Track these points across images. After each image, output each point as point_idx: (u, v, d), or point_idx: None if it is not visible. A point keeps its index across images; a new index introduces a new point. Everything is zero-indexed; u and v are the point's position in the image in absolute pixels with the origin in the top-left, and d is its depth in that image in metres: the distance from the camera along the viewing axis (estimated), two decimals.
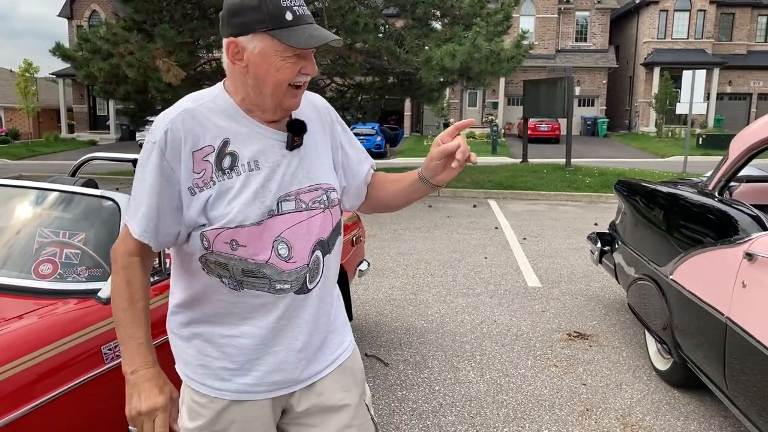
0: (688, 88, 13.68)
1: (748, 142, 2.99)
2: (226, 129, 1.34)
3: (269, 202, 1.33)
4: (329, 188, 1.44)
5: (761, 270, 2.45)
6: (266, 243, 1.33)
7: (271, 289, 1.36)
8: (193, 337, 1.43)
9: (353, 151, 1.58)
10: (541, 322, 4.67)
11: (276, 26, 1.26)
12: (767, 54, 32.76)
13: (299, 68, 1.30)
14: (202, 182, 1.31)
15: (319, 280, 1.43)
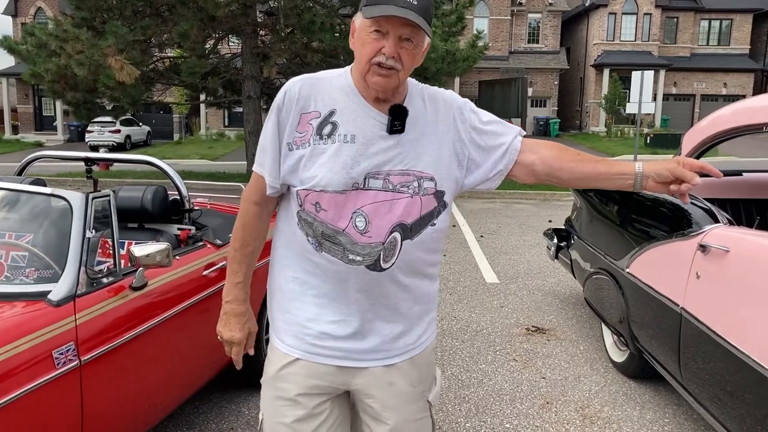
0: (637, 89, 14.05)
1: (698, 138, 3.08)
2: (337, 101, 1.45)
3: (356, 174, 1.40)
4: (424, 176, 1.46)
5: (714, 261, 2.51)
6: (347, 212, 1.41)
7: (344, 258, 1.43)
8: (280, 293, 1.55)
9: (485, 138, 1.54)
10: (500, 317, 4.72)
11: (369, 3, 1.36)
12: (709, 56, 33.92)
13: (380, 47, 1.36)
14: (300, 141, 1.44)
15: (395, 261, 1.46)
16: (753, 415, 2.21)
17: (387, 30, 1.36)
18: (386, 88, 1.40)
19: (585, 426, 3.08)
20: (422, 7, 1.36)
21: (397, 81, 1.40)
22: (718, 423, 2.48)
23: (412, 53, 1.40)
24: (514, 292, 5.42)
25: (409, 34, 1.37)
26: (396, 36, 1.36)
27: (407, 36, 1.37)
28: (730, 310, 2.36)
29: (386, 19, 1.34)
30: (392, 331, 1.52)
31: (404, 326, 1.54)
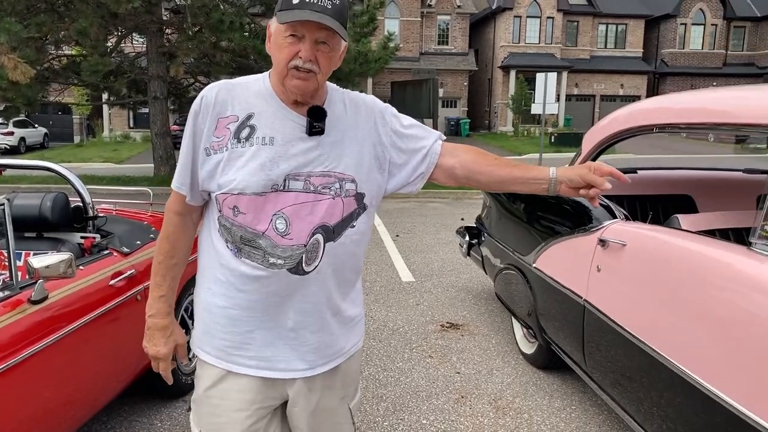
0: (541, 90, 14.64)
1: (597, 138, 3.25)
2: (255, 105, 1.44)
3: (275, 176, 1.40)
4: (345, 178, 1.47)
5: (612, 255, 2.66)
6: (266, 215, 1.40)
7: (265, 262, 1.41)
8: (202, 304, 1.53)
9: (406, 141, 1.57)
10: (416, 315, 4.80)
11: (282, 8, 1.37)
12: (607, 59, 35.82)
13: (297, 51, 1.37)
14: (217, 146, 1.43)
15: (318, 265, 1.45)
16: (649, 398, 2.36)
17: (303, 34, 1.36)
18: (305, 91, 1.40)
19: (498, 417, 3.19)
20: (337, 11, 1.37)
21: (316, 84, 1.41)
22: (619, 407, 2.63)
23: (328, 56, 1.41)
24: (429, 289, 5.52)
25: (325, 37, 1.38)
26: (312, 40, 1.37)
27: (323, 39, 1.38)
28: (628, 300, 2.52)
29: (301, 24, 1.35)
30: (318, 338, 1.51)
31: (330, 333, 1.53)
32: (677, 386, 2.15)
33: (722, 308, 1.98)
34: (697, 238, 2.29)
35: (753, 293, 1.89)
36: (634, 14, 35.93)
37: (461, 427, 3.10)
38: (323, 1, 1.35)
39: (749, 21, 36.43)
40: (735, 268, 1.99)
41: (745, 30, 36.78)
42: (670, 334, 2.21)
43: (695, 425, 2.08)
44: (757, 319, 1.82)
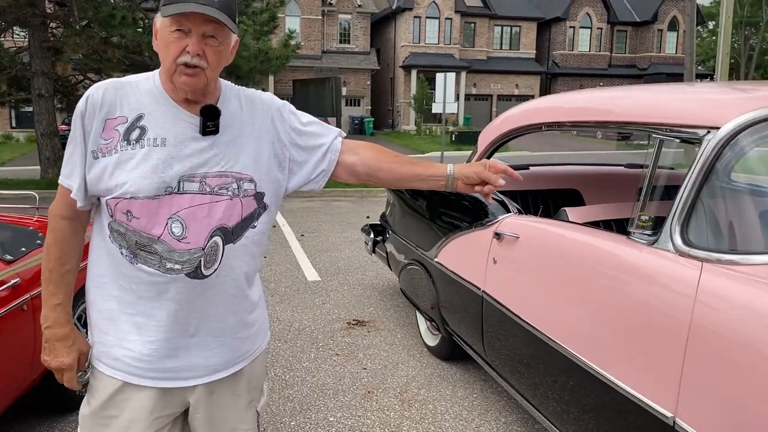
0: (441, 90, 14.99)
1: (492, 137, 3.38)
2: (145, 105, 1.39)
3: (168, 178, 1.35)
4: (243, 178, 1.43)
5: (507, 247, 2.79)
6: (161, 218, 1.35)
7: (162, 267, 1.37)
8: (98, 313, 1.46)
9: (305, 139, 1.57)
10: (322, 314, 4.80)
11: (166, 1, 1.32)
12: (503, 60, 37.23)
13: (184, 46, 1.32)
14: (105, 149, 1.36)
15: (217, 268, 1.41)
16: (544, 383, 2.49)
17: (189, 28, 1.32)
18: (194, 88, 1.36)
19: (404, 410, 3.26)
20: (224, 3, 1.33)
21: (205, 80, 1.36)
22: (518, 393, 2.76)
23: (217, 50, 1.36)
24: (335, 288, 5.54)
25: (213, 31, 1.34)
26: (199, 34, 1.33)
27: (211, 33, 1.34)
28: (522, 290, 2.64)
29: (186, 17, 1.31)
30: (220, 343, 1.48)
31: (232, 337, 1.50)
32: (569, 370, 2.28)
33: (606, 294, 2.12)
34: (582, 229, 2.44)
35: (632, 279, 2.04)
36: (527, 17, 37.54)
37: (368, 421, 3.14)
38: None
39: (630, 25, 38.98)
40: (616, 255, 2.14)
41: (627, 34, 39.32)
42: (560, 320, 2.35)
43: (587, 406, 2.22)
44: (636, 303, 1.96)
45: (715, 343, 1.64)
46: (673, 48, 38.26)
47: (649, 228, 2.08)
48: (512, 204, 3.02)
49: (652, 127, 2.20)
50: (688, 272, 1.80)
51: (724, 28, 15.45)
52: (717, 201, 1.97)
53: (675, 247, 1.91)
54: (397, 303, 5.04)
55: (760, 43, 40.09)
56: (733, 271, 1.71)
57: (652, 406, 1.83)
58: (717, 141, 1.90)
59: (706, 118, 1.99)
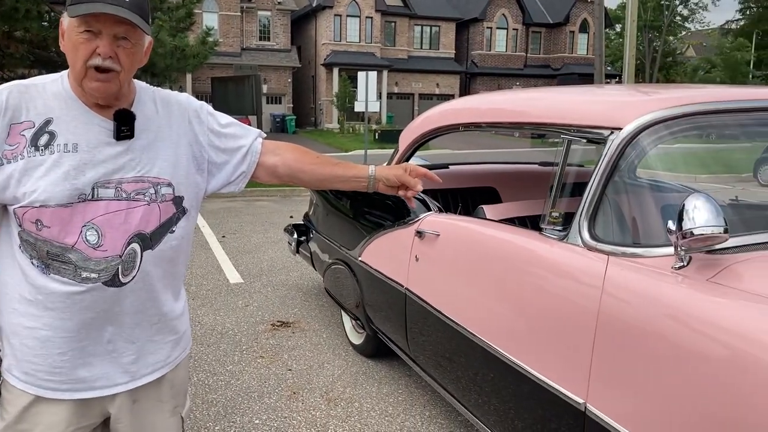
0: (363, 88, 15.05)
1: (412, 137, 3.44)
2: (53, 109, 1.33)
3: (81, 185, 1.30)
4: (160, 182, 1.40)
5: (428, 245, 2.85)
6: (75, 227, 1.31)
7: (77, 277, 1.32)
8: (7, 326, 1.39)
9: (225, 141, 1.55)
10: (245, 316, 4.74)
11: (73, 1, 1.27)
12: (424, 59, 37.77)
13: (94, 48, 1.27)
14: (11, 155, 1.30)
15: (136, 275, 1.38)
16: (465, 375, 2.57)
17: (99, 29, 1.27)
18: (106, 93, 1.31)
19: (330, 409, 3.27)
20: (135, 4, 1.29)
21: (118, 84, 1.32)
22: (441, 386, 2.83)
23: (131, 53, 1.32)
24: (259, 289, 5.48)
25: (125, 32, 1.29)
26: (110, 35, 1.28)
27: (123, 35, 1.29)
28: (444, 286, 2.71)
29: (96, 18, 1.26)
30: (139, 349, 1.45)
31: (152, 342, 1.47)
32: (488, 362, 2.36)
33: (521, 288, 2.21)
34: (499, 226, 2.54)
35: (544, 273, 2.14)
36: (446, 17, 38.24)
37: (294, 422, 3.13)
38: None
39: (544, 27, 40.43)
40: (529, 251, 2.24)
41: (541, 35, 40.75)
42: (479, 314, 2.43)
43: (505, 396, 2.31)
44: (548, 296, 2.06)
45: (622, 332, 1.75)
46: (584, 49, 39.96)
47: (560, 224, 2.19)
48: (433, 202, 3.08)
49: (562, 128, 2.31)
50: (595, 265, 1.91)
51: (629, 31, 16.29)
52: (621, 197, 2.09)
53: (583, 242, 2.01)
54: (321, 303, 5.05)
55: (662, 45, 42.48)
56: (637, 263, 1.82)
57: (565, 394, 1.93)
58: (620, 141, 2.02)
59: (609, 120, 2.11)
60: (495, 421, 2.40)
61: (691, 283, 1.65)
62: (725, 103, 2.16)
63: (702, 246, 1.64)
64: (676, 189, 2.68)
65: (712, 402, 1.48)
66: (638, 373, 1.69)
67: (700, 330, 1.53)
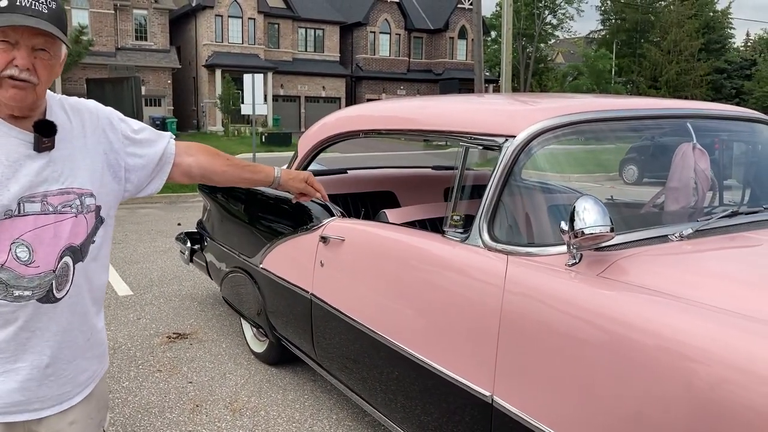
0: (249, 91, 14.82)
1: (311, 143, 3.47)
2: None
3: (6, 201, 1.27)
4: (84, 193, 1.39)
5: (333, 250, 2.89)
6: (3, 244, 1.27)
7: (9, 296, 1.28)
8: None
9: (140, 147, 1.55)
10: (138, 329, 4.55)
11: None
12: (309, 62, 37.70)
13: (11, 58, 1.24)
14: None
15: (69, 288, 1.36)
16: (374, 376, 2.64)
17: (16, 40, 1.24)
18: (23, 103, 1.28)
19: (236, 419, 3.23)
20: (54, 15, 1.27)
21: (35, 96, 1.29)
22: (348, 388, 2.88)
23: (48, 64, 1.30)
24: (150, 301, 5.27)
25: (43, 44, 1.27)
26: (28, 46, 1.25)
27: (41, 46, 1.27)
28: (350, 290, 2.77)
29: (14, 28, 1.23)
30: (74, 368, 1.43)
31: (84, 359, 1.46)
32: (395, 361, 2.44)
33: (426, 288, 2.31)
34: (402, 229, 2.63)
35: (448, 273, 2.25)
36: (330, 20, 38.40)
37: None
38: (37, 5, 1.25)
39: (425, 33, 41.59)
40: (433, 253, 2.34)
41: (423, 40, 41.90)
42: (387, 316, 2.50)
43: (412, 393, 2.40)
44: (453, 294, 2.17)
45: (523, 326, 1.88)
46: (463, 55, 41.54)
47: (461, 226, 2.32)
48: (335, 208, 3.13)
49: (460, 135, 2.44)
50: (496, 265, 2.04)
51: (505, 39, 17.18)
52: (516, 200, 2.24)
53: (484, 243, 2.14)
54: (218, 312, 4.94)
55: (534, 52, 45.09)
56: (533, 261, 1.97)
57: (472, 387, 2.04)
58: (514, 147, 2.17)
59: (504, 128, 2.26)
60: (403, 417, 2.49)
61: (583, 278, 1.81)
62: (600, 113, 2.38)
63: (592, 244, 1.81)
64: (565, 191, 2.90)
65: (604, 385, 1.64)
66: (540, 364, 1.83)
67: (593, 321, 1.69)
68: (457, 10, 40.72)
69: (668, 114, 2.59)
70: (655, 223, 2.42)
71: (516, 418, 1.88)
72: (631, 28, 47.28)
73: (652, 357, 1.52)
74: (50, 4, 1.28)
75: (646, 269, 1.80)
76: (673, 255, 1.92)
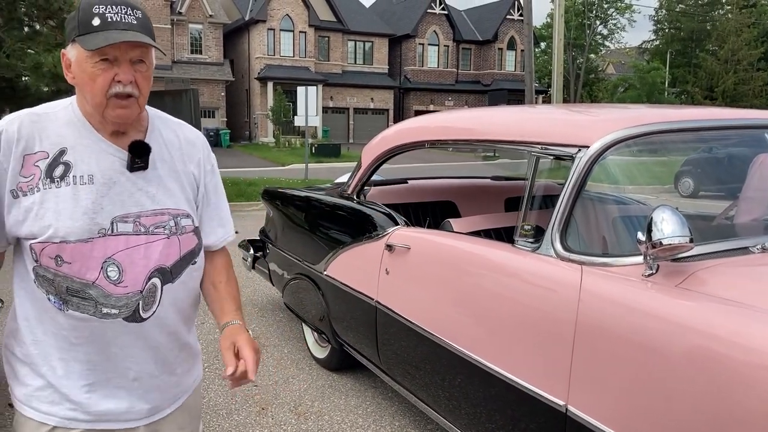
0: (302, 103, 15.07)
1: (374, 154, 3.54)
2: (67, 139, 1.31)
3: (101, 219, 1.29)
4: (179, 214, 1.39)
5: (399, 258, 2.94)
6: (95, 262, 1.28)
7: (97, 313, 1.30)
8: (25, 357, 1.36)
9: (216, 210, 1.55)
10: (203, 333, 4.69)
11: (82, 32, 1.25)
12: (358, 74, 38.08)
13: (113, 75, 1.26)
14: (26, 187, 1.27)
15: (156, 309, 1.37)
16: (437, 382, 2.67)
17: (115, 56, 1.25)
18: (128, 119, 1.31)
19: (300, 423, 3.30)
20: (143, 24, 1.29)
21: (138, 109, 1.32)
22: (412, 394, 2.91)
23: (146, 75, 1.32)
24: None
25: (140, 55, 1.29)
26: (127, 61, 1.27)
27: (139, 58, 1.29)
28: (417, 298, 2.81)
29: (111, 47, 1.24)
30: (162, 381, 1.45)
31: (173, 374, 1.48)
32: (459, 367, 2.47)
33: (497, 297, 2.33)
34: (471, 239, 2.66)
35: (518, 281, 2.27)
36: (379, 33, 38.74)
37: None
38: (127, 18, 1.27)
39: (473, 44, 41.52)
40: (504, 262, 2.37)
41: (471, 51, 41.83)
42: (456, 324, 2.53)
43: (476, 399, 2.42)
44: (524, 304, 2.19)
45: (599, 336, 1.89)
46: (512, 65, 41.28)
47: (531, 236, 2.33)
48: (400, 217, 3.18)
49: (529, 146, 2.46)
50: (570, 275, 2.05)
51: (556, 50, 17.02)
52: (589, 210, 2.25)
53: (556, 253, 2.15)
54: (279, 318, 5.05)
55: (585, 63, 44.47)
56: (608, 272, 1.97)
57: (545, 397, 2.05)
58: (587, 158, 2.18)
59: (577, 138, 2.27)
60: (467, 424, 2.51)
61: (662, 288, 1.81)
62: (676, 123, 2.37)
63: (669, 255, 1.81)
64: (631, 202, 2.89)
65: (684, 397, 1.63)
66: (617, 374, 1.83)
67: (674, 332, 1.69)
68: (506, 20, 40.55)
69: (746, 124, 2.55)
70: (731, 235, 2.39)
71: (591, 427, 1.88)
72: (686, 37, 46.22)
73: (739, 370, 1.51)
74: (137, 14, 1.28)
75: (727, 281, 1.78)
76: (755, 267, 1.90)
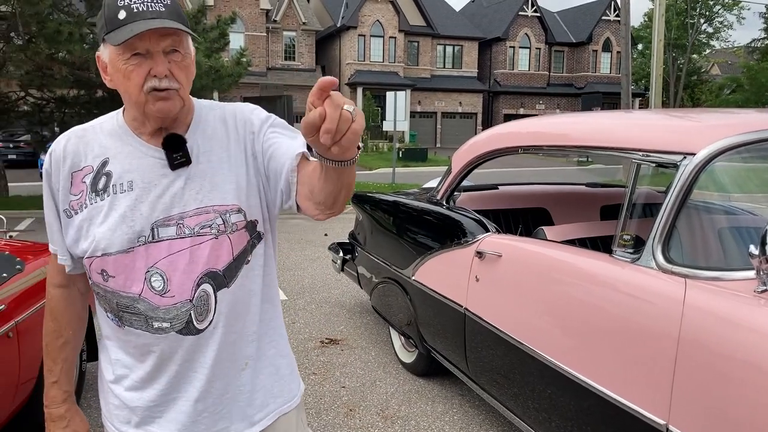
0: (391, 108, 15.20)
1: (465, 159, 3.51)
2: (110, 148, 1.25)
3: (139, 227, 1.20)
4: (229, 210, 1.24)
5: (490, 265, 2.91)
6: (138, 273, 1.20)
7: (149, 328, 1.22)
8: (106, 373, 1.36)
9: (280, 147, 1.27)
10: (293, 333, 4.82)
11: (110, 29, 1.16)
12: (447, 78, 38.01)
13: (148, 70, 1.15)
14: (77, 205, 1.24)
15: (213, 318, 1.24)
16: (526, 392, 2.61)
17: (146, 49, 1.15)
18: (170, 112, 1.19)
19: (387, 426, 3.32)
20: (173, 11, 1.17)
21: (181, 102, 1.20)
22: (500, 403, 2.87)
23: (184, 65, 1.19)
24: (303, 307, 5.56)
25: (173, 44, 1.17)
26: (159, 52, 1.16)
27: (171, 47, 1.17)
28: (506, 305, 2.76)
29: (140, 38, 1.13)
30: (228, 403, 1.31)
31: (243, 392, 1.32)
32: (550, 378, 2.41)
33: (593, 309, 2.26)
34: (566, 248, 2.59)
35: (616, 293, 2.19)
36: (469, 36, 38.49)
37: None
38: (154, 5, 1.15)
39: (567, 46, 40.49)
40: (601, 273, 2.28)
41: (564, 54, 40.80)
42: (549, 335, 2.46)
43: (568, 412, 2.35)
44: (622, 317, 2.10)
45: (705, 354, 1.79)
46: (607, 68, 39.93)
47: (630, 246, 2.24)
48: (490, 223, 3.14)
49: (630, 152, 2.37)
50: (673, 288, 1.95)
51: (656, 51, 16.28)
52: (694, 220, 2.14)
53: (658, 265, 2.06)
54: (366, 321, 5.11)
55: (686, 64, 42.28)
56: (717, 286, 1.86)
57: (645, 415, 1.96)
58: (693, 166, 2.07)
59: (681, 145, 2.16)
60: None
61: None
62: None
63: None
64: (739, 212, 2.71)
65: None
66: (724, 395, 1.72)
67: None
68: (601, 22, 39.29)
69: None
70: None
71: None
72: None
73: None
74: (165, 1, 1.17)
75: None
76: None
